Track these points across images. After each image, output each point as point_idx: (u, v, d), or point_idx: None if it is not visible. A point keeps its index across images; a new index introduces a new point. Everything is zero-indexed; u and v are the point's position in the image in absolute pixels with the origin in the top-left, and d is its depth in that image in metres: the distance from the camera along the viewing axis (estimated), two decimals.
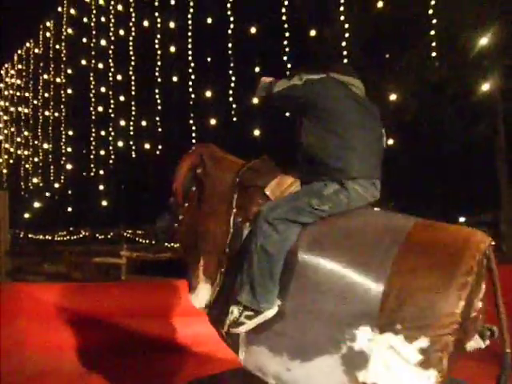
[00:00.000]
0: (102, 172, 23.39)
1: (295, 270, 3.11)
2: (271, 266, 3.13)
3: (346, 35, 13.63)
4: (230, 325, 3.20)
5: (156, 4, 19.35)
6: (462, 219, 16.11)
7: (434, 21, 12.09)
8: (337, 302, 2.95)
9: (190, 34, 17.88)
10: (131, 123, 20.94)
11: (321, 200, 3.22)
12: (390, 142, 13.15)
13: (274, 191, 3.45)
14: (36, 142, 28.46)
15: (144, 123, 20.28)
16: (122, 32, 21.40)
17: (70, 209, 27.84)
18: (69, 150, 25.59)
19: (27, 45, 28.58)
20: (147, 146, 19.78)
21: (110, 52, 22.06)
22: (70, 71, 25.35)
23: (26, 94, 29.25)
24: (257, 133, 15.16)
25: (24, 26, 27.57)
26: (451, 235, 2.98)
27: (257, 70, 16.02)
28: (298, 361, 3.03)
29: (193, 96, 18.07)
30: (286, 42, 14.69)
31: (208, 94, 16.94)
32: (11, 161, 31.39)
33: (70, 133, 25.64)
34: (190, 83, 18.08)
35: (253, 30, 15.49)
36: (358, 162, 3.28)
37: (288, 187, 3.46)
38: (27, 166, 29.33)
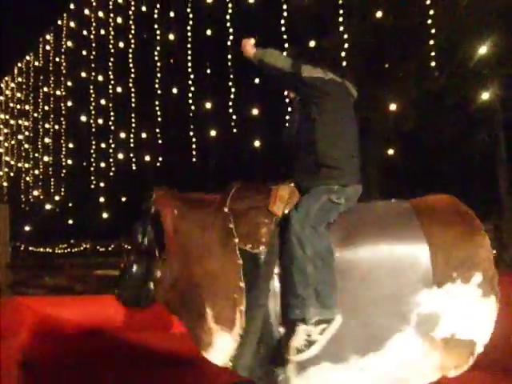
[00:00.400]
0: (102, 184, 23.38)
1: (337, 269, 3.15)
2: (330, 269, 3.10)
3: (346, 45, 13.65)
4: (299, 351, 2.99)
5: (155, 16, 19.41)
6: None
7: (434, 30, 12.11)
8: (390, 280, 3.15)
9: (189, 45, 17.91)
10: (131, 135, 20.95)
11: (337, 194, 3.30)
12: (391, 151, 13.18)
13: (278, 207, 3.33)
14: (36, 155, 28.48)
15: (144, 135, 20.29)
16: (121, 44, 21.45)
17: (70, 221, 27.83)
18: (69, 162, 25.60)
19: (27, 58, 28.64)
20: (147, 158, 19.79)
21: (110, 64, 22.10)
22: (69, 84, 25.39)
23: (27, 107, 29.29)
24: (257, 144, 15.15)
25: (24, 39, 27.67)
26: (443, 202, 3.54)
27: (256, 81, 16.05)
28: (370, 354, 3.10)
29: (193, 108, 18.09)
30: (285, 54, 14.68)
31: (208, 105, 16.95)
32: (12, 174, 31.39)
33: (71, 145, 25.66)
34: (190, 95, 18.10)
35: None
36: (352, 169, 3.44)
37: (289, 199, 3.39)
38: (28, 178, 29.33)
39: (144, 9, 20.15)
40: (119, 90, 21.67)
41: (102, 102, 22.72)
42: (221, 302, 3.18)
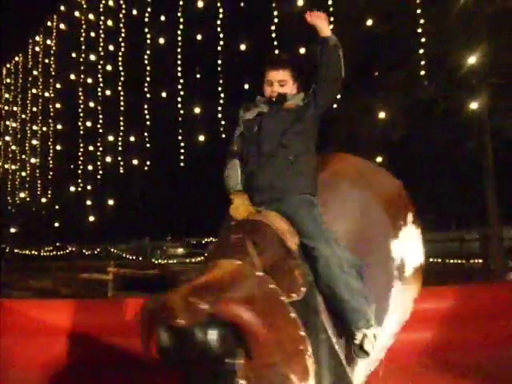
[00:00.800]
0: (89, 187, 23.29)
1: None
2: (356, 278, 3.10)
3: None
4: (367, 353, 3.02)
5: (146, 20, 19.39)
6: (451, 235, 16.17)
7: (423, 39, 12.17)
8: (372, 252, 3.38)
9: (179, 50, 17.90)
10: (119, 139, 20.89)
11: (317, 208, 3.19)
12: (379, 159, 13.21)
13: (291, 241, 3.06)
14: (23, 157, 28.32)
15: (132, 139, 20.24)
16: (111, 47, 21.41)
17: (56, 224, 27.68)
18: (56, 164, 25.48)
19: (16, 59, 28.52)
20: (135, 161, 19.73)
21: (99, 67, 22.05)
22: (58, 86, 25.30)
23: (14, 108, 29.15)
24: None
25: (13, 40, 27.54)
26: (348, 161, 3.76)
27: (246, 86, 16.06)
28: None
29: (181, 112, 18.07)
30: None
31: (197, 110, 16.94)
32: None
33: (58, 148, 25.55)
34: (179, 99, 18.09)
35: (242, 47, 15.54)
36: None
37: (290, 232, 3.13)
38: (14, 180, 29.17)
39: (135, 12, 20.12)
40: (108, 93, 21.62)
41: (91, 104, 22.66)
42: (295, 361, 2.74)
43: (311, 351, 2.81)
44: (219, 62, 16.28)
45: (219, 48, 16.24)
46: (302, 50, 14.38)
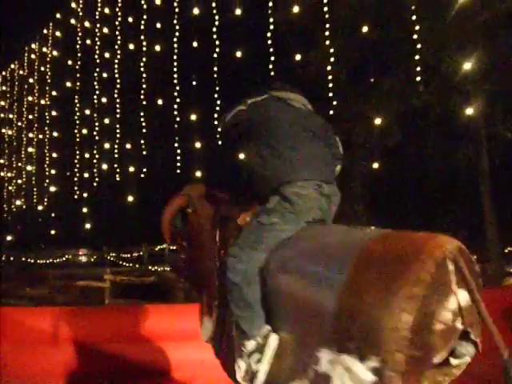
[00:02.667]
0: (85, 195, 23.27)
1: (272, 296, 3.07)
2: (240, 294, 3.08)
3: (331, 60, 13.72)
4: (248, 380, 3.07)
5: (142, 27, 19.41)
6: None
7: (418, 46, 12.22)
8: (303, 325, 2.88)
9: (175, 57, 17.93)
10: (116, 146, 20.89)
11: (267, 214, 3.15)
12: (375, 165, 13.25)
13: (243, 219, 3.44)
14: (19, 164, 28.29)
15: (128, 146, 20.24)
16: (107, 55, 21.43)
17: (53, 231, 27.64)
18: (52, 172, 25.46)
19: (12, 66, 28.51)
20: (132, 168, 19.72)
21: (95, 74, 22.07)
22: (54, 93, 25.30)
23: (10, 116, 29.12)
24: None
25: (9, 47, 27.55)
26: (407, 244, 2.68)
27: (242, 93, 16.08)
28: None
29: (178, 119, 18.08)
30: (271, 66, 14.76)
31: (193, 117, 16.95)
32: None
33: (54, 155, 25.53)
34: (175, 106, 18.10)
35: (238, 54, 15.57)
36: (293, 168, 3.18)
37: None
38: (10, 188, 29.12)
39: (130, 20, 20.14)
40: (104, 100, 21.62)
41: (87, 112, 22.67)
42: (208, 293, 3.57)
43: (217, 303, 3.47)
44: (215, 69, 16.30)
45: (215, 55, 16.26)
46: (298, 57, 14.42)
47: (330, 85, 13.83)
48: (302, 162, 3.20)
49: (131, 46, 19.88)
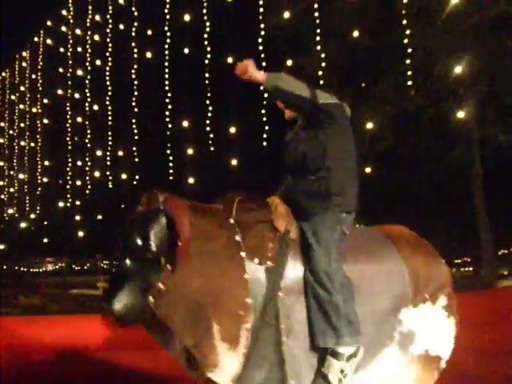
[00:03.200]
0: (78, 202, 23.20)
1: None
2: (353, 298, 3.24)
3: (323, 64, 13.73)
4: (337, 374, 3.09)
5: (133, 34, 19.39)
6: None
7: (410, 50, 12.23)
8: (377, 300, 3.38)
9: (166, 63, 17.91)
10: (108, 153, 20.85)
11: (346, 225, 3.38)
12: (367, 169, 13.24)
13: (281, 223, 3.27)
14: (12, 173, 28.20)
15: (121, 153, 20.20)
16: (98, 62, 21.40)
17: (45, 240, 27.55)
18: (45, 180, 25.38)
19: (3, 74, 28.44)
20: (124, 176, 19.68)
21: (87, 82, 22.03)
22: (46, 101, 25.24)
23: (2, 124, 29.04)
24: (234, 162, 15.15)
25: None
26: (401, 230, 3.87)
27: (234, 99, 16.09)
28: (371, 361, 3.34)
29: (170, 126, 18.06)
30: (262, 71, 14.74)
31: (185, 123, 16.93)
32: None
33: (46, 163, 25.46)
34: (167, 113, 18.08)
35: (230, 59, 15.56)
36: (355, 197, 3.47)
37: (287, 216, 3.36)
38: (2, 196, 29.02)
39: (121, 26, 20.12)
40: (96, 107, 21.59)
41: (79, 119, 22.62)
42: (227, 318, 2.92)
43: (251, 326, 2.94)
44: (207, 75, 16.29)
45: (206, 61, 16.25)
46: (289, 62, 14.42)
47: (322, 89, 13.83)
48: (356, 191, 3.49)
49: (123, 53, 19.87)
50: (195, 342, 2.91)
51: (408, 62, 12.38)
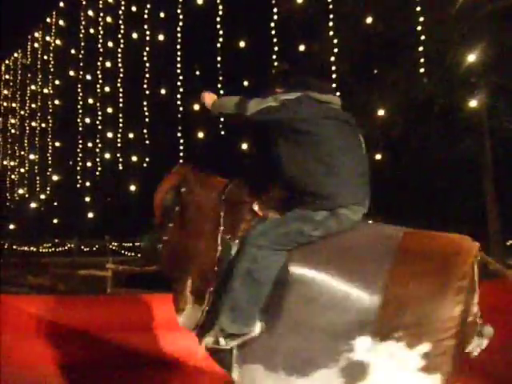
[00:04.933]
0: (88, 184, 23.28)
1: (289, 286, 3.11)
2: (258, 291, 3.11)
3: (335, 51, 13.70)
4: (211, 344, 3.21)
5: (145, 16, 19.37)
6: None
7: (422, 37, 12.18)
8: (334, 314, 2.98)
9: (178, 46, 17.89)
10: (118, 135, 20.89)
11: (313, 225, 3.15)
12: (378, 156, 13.23)
13: (261, 207, 3.42)
14: (22, 153, 28.30)
15: (131, 135, 20.23)
16: (110, 44, 21.40)
17: (55, 220, 27.68)
18: (55, 161, 25.48)
19: (15, 55, 28.48)
20: (134, 158, 19.72)
21: (99, 64, 22.04)
22: (57, 82, 25.28)
23: (13, 105, 29.12)
24: (245, 146, 15.14)
25: (12, 36, 27.49)
26: (442, 242, 3.08)
27: (245, 83, 16.07)
28: (293, 377, 3.02)
29: (181, 109, 18.06)
30: (274, 56, 14.75)
31: (196, 106, 16.92)
32: None
33: (57, 144, 25.55)
34: (179, 96, 18.08)
35: (242, 43, 15.54)
36: (346, 189, 3.16)
37: (274, 204, 3.44)
38: (13, 176, 29.15)
39: (134, 9, 20.10)
40: (107, 89, 21.61)
41: (90, 101, 22.65)
42: (199, 278, 3.49)
43: (213, 290, 3.41)
44: (219, 58, 16.27)
45: (218, 45, 16.23)
46: (301, 48, 14.39)
47: (334, 76, 13.81)
48: (353, 182, 3.21)
49: (134, 35, 19.86)
50: (175, 287, 3.63)
51: (420, 49, 12.32)
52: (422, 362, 2.76)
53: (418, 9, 12.12)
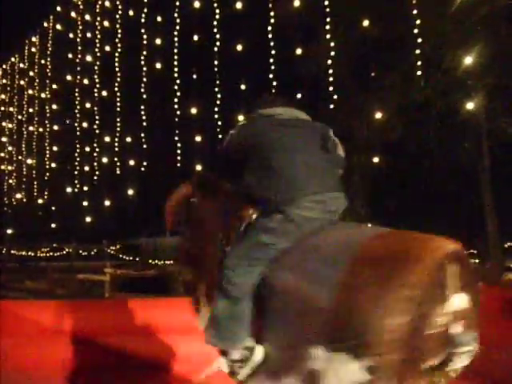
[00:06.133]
0: (86, 188, 23.28)
1: (264, 298, 3.12)
2: (236, 308, 3.13)
3: (332, 54, 13.72)
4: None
5: (142, 20, 19.39)
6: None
7: (419, 40, 12.20)
8: (296, 323, 2.89)
9: (175, 50, 17.91)
10: (116, 139, 20.89)
11: (269, 234, 3.12)
12: (375, 159, 13.24)
13: (246, 214, 3.49)
14: (20, 158, 28.30)
15: (129, 139, 20.24)
16: (107, 48, 21.42)
17: (53, 225, 27.66)
18: (53, 165, 25.47)
19: (12, 59, 28.49)
20: (132, 162, 19.73)
21: (96, 68, 22.06)
22: (54, 86, 25.29)
23: (11, 109, 29.12)
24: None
25: (9, 40, 27.52)
26: (406, 244, 2.72)
27: (243, 87, 16.09)
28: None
29: (178, 112, 18.08)
30: (272, 60, 14.77)
31: (193, 110, 16.94)
32: None
33: (55, 148, 25.54)
34: (176, 100, 18.10)
35: (239, 47, 15.55)
36: (294, 185, 3.10)
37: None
38: (10, 181, 29.13)
39: (131, 13, 20.12)
40: (104, 93, 21.62)
41: (87, 105, 22.67)
42: (211, 281, 3.51)
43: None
44: (215, 62, 16.29)
45: (215, 48, 16.25)
46: (298, 51, 14.42)
47: (331, 79, 13.83)
48: (302, 176, 3.13)
49: (131, 40, 19.89)
50: (196, 290, 3.75)
51: (417, 52, 12.34)
52: (369, 375, 2.52)
53: (415, 11, 12.14)
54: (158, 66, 18.68)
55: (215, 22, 16.21)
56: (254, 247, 3.14)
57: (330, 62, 13.72)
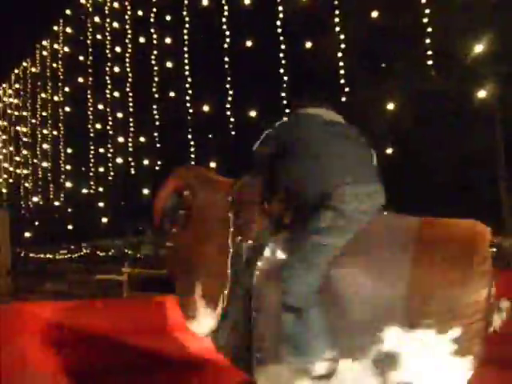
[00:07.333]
0: (101, 189, 23.39)
1: (334, 306, 3.04)
2: (303, 320, 3.00)
3: (342, 45, 13.68)
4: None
5: (152, 21, 19.43)
6: None
7: (430, 29, 12.13)
8: (362, 309, 2.95)
9: (186, 49, 17.93)
10: (130, 140, 20.96)
11: (322, 234, 3.03)
12: (388, 150, 13.19)
13: (274, 208, 3.34)
14: (35, 161, 28.47)
15: (142, 139, 20.31)
16: (118, 49, 21.48)
17: (70, 227, 27.82)
18: (68, 167, 25.61)
19: (24, 64, 28.65)
20: (146, 161, 19.80)
21: (107, 69, 22.12)
22: (67, 89, 25.40)
23: (25, 113, 29.30)
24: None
25: (20, 45, 27.68)
26: (458, 229, 3.08)
27: (254, 84, 16.09)
28: None
29: (191, 111, 18.10)
30: (282, 55, 14.75)
31: (206, 108, 16.97)
32: (11, 180, 31.38)
33: (69, 150, 25.67)
34: (188, 98, 18.12)
35: (249, 43, 15.55)
36: (340, 179, 3.07)
37: (284, 203, 3.41)
38: (27, 184, 29.33)
39: (141, 13, 20.16)
40: (117, 94, 21.69)
41: (100, 107, 22.75)
42: (210, 282, 3.38)
43: (227, 293, 3.31)
44: (226, 59, 16.30)
45: (226, 45, 16.26)
46: (308, 44, 14.39)
47: (342, 71, 13.79)
48: (350, 171, 3.11)
49: (142, 40, 19.94)
50: (183, 293, 3.53)
51: (428, 41, 12.28)
52: (454, 346, 2.82)
53: (424, 1, 12.08)
54: (169, 64, 18.74)
55: (224, 18, 16.21)
56: (310, 252, 3.04)
57: (340, 53, 13.68)
